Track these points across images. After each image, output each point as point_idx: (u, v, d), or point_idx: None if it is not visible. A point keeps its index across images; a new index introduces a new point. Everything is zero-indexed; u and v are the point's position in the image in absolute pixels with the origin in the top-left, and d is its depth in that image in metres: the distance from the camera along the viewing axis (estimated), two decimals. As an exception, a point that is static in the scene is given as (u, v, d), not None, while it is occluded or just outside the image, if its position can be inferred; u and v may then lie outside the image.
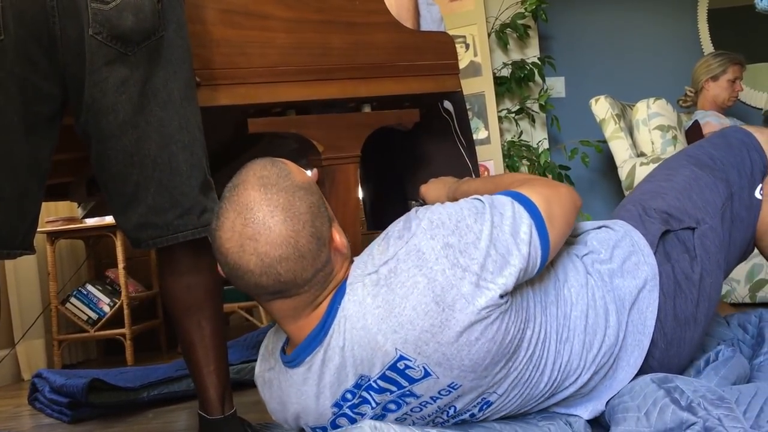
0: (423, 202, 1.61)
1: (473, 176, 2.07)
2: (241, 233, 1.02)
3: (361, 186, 2.19)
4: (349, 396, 1.13)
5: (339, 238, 1.10)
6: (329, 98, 1.59)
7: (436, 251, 1.06)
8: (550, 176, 3.74)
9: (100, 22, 1.15)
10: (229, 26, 1.49)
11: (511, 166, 3.73)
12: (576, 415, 1.25)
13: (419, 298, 1.04)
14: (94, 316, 3.33)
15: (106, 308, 3.34)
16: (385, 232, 1.16)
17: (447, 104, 2.05)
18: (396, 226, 1.14)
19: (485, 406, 1.17)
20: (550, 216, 1.15)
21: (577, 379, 1.22)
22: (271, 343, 1.23)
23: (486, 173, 3.61)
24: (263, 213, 1.02)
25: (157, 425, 2.02)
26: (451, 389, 1.11)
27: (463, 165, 2.06)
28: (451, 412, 1.16)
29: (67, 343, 3.40)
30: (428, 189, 1.61)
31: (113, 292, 3.43)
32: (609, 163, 3.61)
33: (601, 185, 3.98)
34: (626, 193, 3.19)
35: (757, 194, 1.40)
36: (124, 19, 1.16)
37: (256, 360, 1.58)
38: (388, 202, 2.12)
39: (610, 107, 3.32)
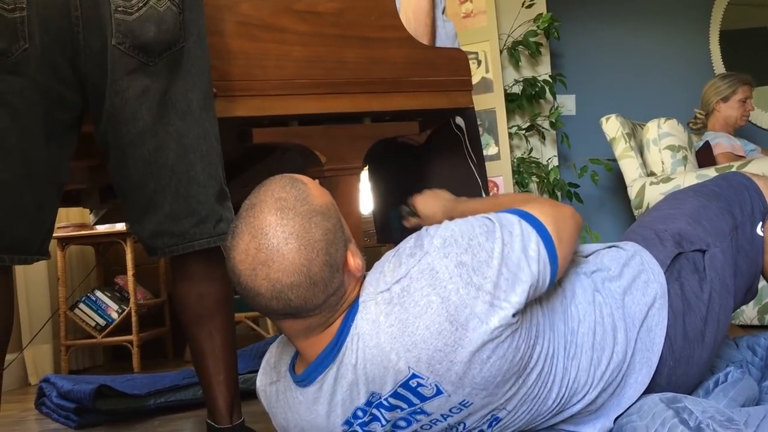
0: (413, 211, 1.60)
1: (483, 193, 2.08)
2: (255, 257, 1.02)
3: (373, 200, 2.20)
4: (360, 413, 1.13)
5: (353, 261, 1.09)
6: (342, 112, 1.61)
7: (450, 270, 1.06)
8: (559, 193, 3.75)
9: (123, 33, 1.17)
10: (247, 39, 1.51)
11: (520, 183, 3.74)
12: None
13: (433, 317, 1.05)
14: (102, 322, 3.34)
15: (115, 315, 3.35)
16: (395, 249, 1.17)
17: (459, 121, 2.06)
18: (407, 243, 1.15)
19: (494, 422, 1.17)
20: (557, 233, 1.16)
21: (584, 396, 1.22)
22: (274, 357, 1.22)
23: (495, 189, 3.62)
24: (277, 239, 1.01)
25: (164, 433, 2.03)
26: (462, 407, 1.11)
27: (473, 182, 2.07)
28: (461, 429, 1.17)
29: (75, 349, 3.41)
30: (423, 202, 1.59)
31: (122, 298, 3.45)
32: (619, 182, 3.61)
33: (611, 204, 3.98)
34: (636, 212, 3.19)
35: (759, 231, 1.43)
36: (146, 30, 1.18)
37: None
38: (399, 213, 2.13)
39: (621, 126, 3.33)
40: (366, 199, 2.48)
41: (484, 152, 3.64)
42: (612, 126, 3.36)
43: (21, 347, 3.17)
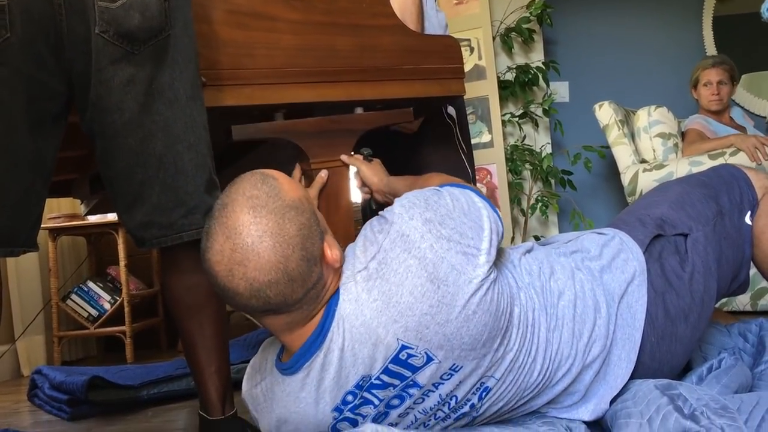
0: (370, 156, 1.67)
1: (472, 182, 2.09)
2: (230, 258, 1.02)
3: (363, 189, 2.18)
4: (350, 398, 1.13)
5: (331, 252, 1.10)
6: (334, 101, 1.59)
7: (419, 229, 1.11)
8: (552, 181, 3.74)
9: (107, 21, 1.15)
10: (236, 27, 1.49)
11: (513, 170, 3.73)
12: (577, 420, 1.25)
13: (414, 281, 1.07)
14: (94, 313, 3.33)
15: (107, 305, 3.34)
16: (359, 235, 1.20)
17: (450, 110, 2.05)
18: (369, 225, 1.19)
19: (484, 393, 1.18)
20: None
21: (569, 369, 1.23)
22: (258, 361, 1.23)
23: (489, 177, 3.62)
24: (252, 238, 1.02)
25: (157, 423, 2.02)
26: (452, 372, 1.12)
27: (462, 170, 2.07)
28: (452, 403, 1.17)
29: (67, 340, 3.40)
30: (371, 167, 1.64)
31: (114, 289, 3.43)
32: (612, 169, 3.61)
33: (604, 190, 3.98)
34: (629, 199, 3.19)
35: (747, 220, 1.46)
36: (130, 18, 1.16)
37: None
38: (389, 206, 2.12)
39: (614, 113, 3.33)
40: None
41: (477, 140, 3.64)
42: (605, 113, 3.35)
43: (13, 338, 3.16)
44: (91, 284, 3.37)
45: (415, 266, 1.08)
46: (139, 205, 1.24)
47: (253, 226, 1.02)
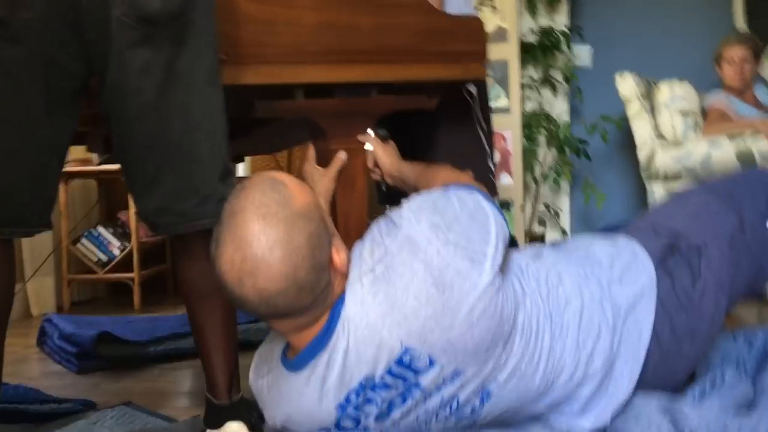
0: (386, 135, 1.65)
1: (490, 162, 2.06)
2: (240, 268, 1.03)
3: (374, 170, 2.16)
4: (353, 397, 1.14)
5: (338, 258, 1.10)
6: (352, 81, 1.57)
7: (426, 234, 1.12)
8: (567, 149, 3.70)
9: (128, 4, 1.12)
10: (257, 3, 1.45)
11: (529, 137, 3.69)
12: (577, 428, 1.27)
13: (419, 285, 1.08)
14: (104, 258, 3.36)
15: (116, 251, 3.37)
16: (366, 236, 1.21)
17: (471, 86, 2.01)
18: (377, 227, 1.19)
19: (486, 397, 1.19)
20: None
21: (571, 376, 1.23)
22: (266, 351, 1.24)
23: (503, 143, 3.58)
24: (262, 249, 1.02)
25: (163, 383, 2.06)
26: (454, 376, 1.13)
27: (481, 149, 2.04)
28: (454, 405, 1.18)
29: (77, 283, 3.44)
30: (385, 149, 1.62)
31: (124, 234, 3.46)
32: (629, 141, 3.56)
33: (619, 163, 3.94)
34: (644, 175, 3.16)
35: None
36: (151, 2, 1.13)
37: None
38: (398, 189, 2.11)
39: (636, 86, 3.27)
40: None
41: (495, 104, 3.58)
42: (627, 85, 3.29)
43: (24, 279, 3.20)
44: (101, 229, 3.40)
45: (420, 271, 1.09)
46: (154, 190, 1.23)
47: (263, 236, 1.02)
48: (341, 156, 1.55)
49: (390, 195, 1.68)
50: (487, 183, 2.05)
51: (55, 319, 2.47)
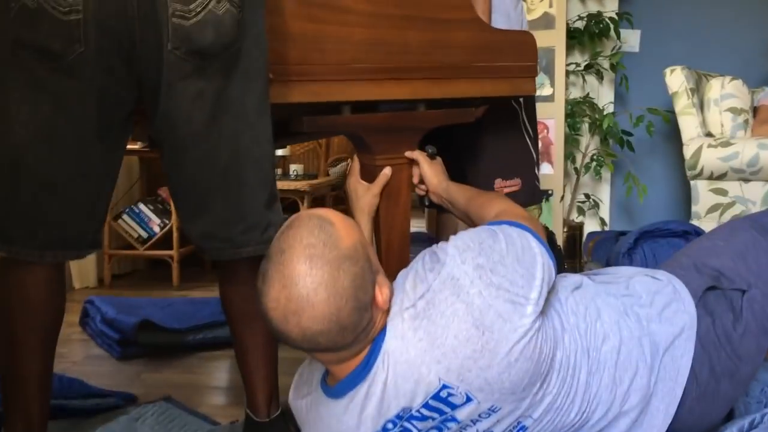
0: (434, 153, 1.65)
1: (537, 168, 2.04)
2: (285, 307, 1.04)
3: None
4: (390, 426, 1.17)
5: (381, 295, 1.11)
6: (400, 99, 1.55)
7: (470, 275, 1.12)
8: (611, 140, 3.64)
9: (180, 38, 1.12)
10: (307, 20, 1.43)
11: (572, 126, 3.63)
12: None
13: (460, 325, 1.09)
14: (144, 234, 3.42)
15: (156, 228, 3.42)
16: (410, 267, 1.21)
17: (518, 94, 1.97)
18: (421, 260, 1.20)
19: (521, 431, 1.21)
20: (538, 233, 1.25)
21: (606, 412, 1.24)
22: (306, 372, 1.27)
23: (545, 132, 3.53)
24: (307, 290, 1.03)
25: (201, 376, 2.12)
26: (491, 412, 1.15)
27: (527, 155, 2.02)
28: None
29: (117, 257, 3.51)
30: (432, 165, 1.61)
31: (164, 211, 3.50)
32: (675, 135, 3.49)
33: (663, 157, 3.86)
34: (689, 173, 3.10)
35: None
36: (204, 36, 1.13)
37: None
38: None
39: (685, 80, 3.18)
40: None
41: (538, 92, 3.52)
42: (676, 79, 3.20)
43: (67, 252, 3.27)
44: (142, 206, 3.45)
45: (462, 311, 1.10)
46: (201, 216, 1.25)
47: (309, 277, 1.04)
48: (386, 172, 1.55)
49: (433, 203, 1.67)
50: (533, 190, 2.04)
51: (97, 302, 2.53)
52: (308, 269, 1.04)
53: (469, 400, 1.12)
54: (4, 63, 1.12)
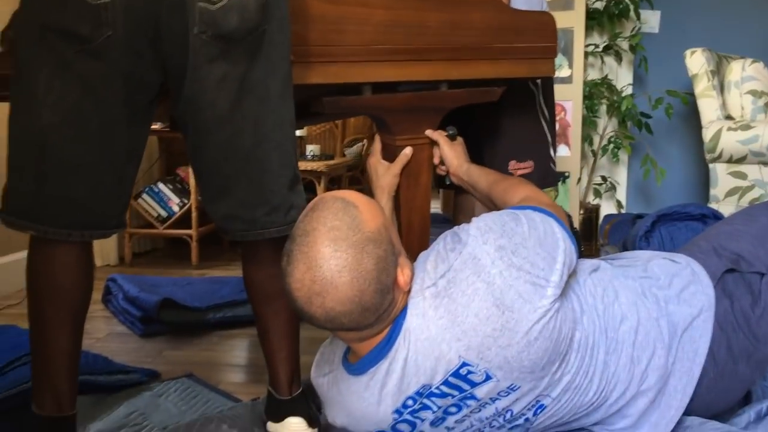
0: (455, 135, 1.66)
1: (553, 151, 2.04)
2: (310, 288, 1.07)
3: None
4: (410, 402, 1.19)
5: (403, 276, 1.13)
6: (419, 80, 1.56)
7: (491, 255, 1.13)
8: (629, 123, 3.61)
9: (206, 22, 1.14)
10: (330, 2, 1.44)
11: (590, 108, 3.61)
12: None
13: (480, 303, 1.11)
14: (164, 214, 3.46)
15: (176, 208, 3.46)
16: (431, 248, 1.23)
17: (537, 76, 1.97)
18: (443, 241, 1.22)
19: (539, 410, 1.23)
20: (560, 218, 1.27)
21: (624, 391, 1.26)
22: (328, 351, 1.30)
23: (563, 114, 3.52)
24: (331, 272, 1.06)
25: (221, 353, 2.15)
26: (510, 390, 1.17)
27: (542, 138, 2.02)
28: (508, 416, 1.23)
29: (137, 235, 3.56)
30: (452, 146, 1.63)
31: (183, 191, 3.54)
32: (694, 117, 3.46)
33: (682, 139, 3.83)
34: (707, 156, 3.08)
35: None
36: (229, 20, 1.14)
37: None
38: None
39: (706, 62, 3.15)
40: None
41: (556, 74, 3.50)
42: (696, 61, 3.17)
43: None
44: (161, 185, 3.48)
45: (482, 290, 1.12)
46: (225, 198, 1.27)
47: (333, 260, 1.06)
48: (407, 152, 1.56)
49: (452, 184, 1.69)
50: (545, 173, 2.05)
51: (119, 280, 2.57)
52: (332, 252, 1.06)
53: (488, 378, 1.14)
54: (33, 46, 1.14)
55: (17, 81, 1.17)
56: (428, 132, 1.60)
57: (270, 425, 1.41)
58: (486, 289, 1.11)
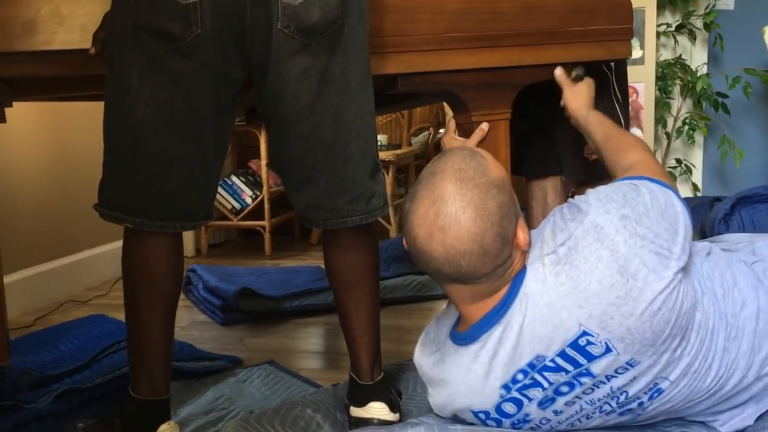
0: (582, 75, 1.65)
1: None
2: (433, 223, 1.08)
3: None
4: (520, 377, 1.16)
5: (523, 236, 1.13)
6: (494, 66, 1.56)
7: (615, 223, 1.12)
8: (705, 103, 3.50)
9: (289, 17, 1.17)
10: (400, -9, 1.46)
11: (663, 89, 3.52)
12: (713, 428, 1.27)
13: (604, 270, 1.10)
14: (237, 206, 3.55)
15: (249, 200, 3.55)
16: (546, 221, 1.21)
17: (611, 58, 1.94)
18: (559, 212, 1.20)
19: (656, 394, 1.19)
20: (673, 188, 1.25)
21: (741, 379, 1.22)
22: (434, 331, 1.29)
23: (635, 96, 3.44)
24: (455, 207, 1.07)
25: (299, 341, 2.21)
26: (628, 366, 1.14)
27: (615, 120, 1.98)
28: (622, 398, 1.18)
29: (212, 227, 3.67)
30: (578, 89, 1.61)
31: (255, 183, 3.62)
32: (774, 96, 3.33)
33: (761, 119, 3.69)
34: (789, 136, 2.96)
35: None
36: (311, 14, 1.17)
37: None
38: (533, 147, 2.08)
39: (786, 38, 3.02)
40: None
41: (627, 55, 3.42)
42: (776, 37, 3.05)
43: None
44: (234, 178, 3.58)
45: (606, 257, 1.10)
46: (307, 188, 1.30)
47: (458, 197, 1.07)
48: (483, 127, 1.55)
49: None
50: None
51: (199, 270, 2.66)
52: (458, 189, 1.08)
53: (608, 350, 1.11)
54: (126, 46, 1.19)
55: (111, 80, 1.23)
56: (556, 71, 1.60)
57: (352, 410, 1.44)
58: (610, 256, 1.10)
